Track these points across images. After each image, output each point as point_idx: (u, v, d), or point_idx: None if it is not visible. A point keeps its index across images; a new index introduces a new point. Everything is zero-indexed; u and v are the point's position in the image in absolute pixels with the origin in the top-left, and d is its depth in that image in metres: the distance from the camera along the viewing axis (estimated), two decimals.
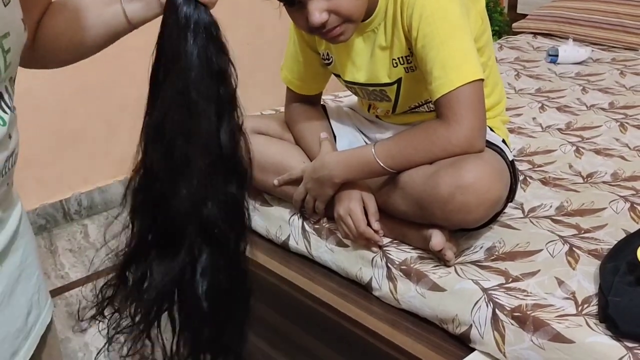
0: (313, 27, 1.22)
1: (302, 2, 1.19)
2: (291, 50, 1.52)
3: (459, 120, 1.19)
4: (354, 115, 1.62)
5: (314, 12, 1.19)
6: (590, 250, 1.26)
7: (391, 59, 1.34)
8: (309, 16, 1.19)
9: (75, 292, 2.38)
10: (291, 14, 1.26)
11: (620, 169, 1.63)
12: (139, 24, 0.86)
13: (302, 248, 1.49)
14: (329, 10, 1.20)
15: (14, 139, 0.81)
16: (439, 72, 1.21)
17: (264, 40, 3.07)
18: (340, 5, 1.20)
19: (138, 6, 0.84)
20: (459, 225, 1.23)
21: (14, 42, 0.76)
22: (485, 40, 1.38)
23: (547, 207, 1.45)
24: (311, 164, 1.40)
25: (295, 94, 1.56)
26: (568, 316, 1.09)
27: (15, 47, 0.77)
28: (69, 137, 2.78)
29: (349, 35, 1.27)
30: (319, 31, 1.24)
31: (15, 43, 0.76)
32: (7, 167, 0.79)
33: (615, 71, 2.50)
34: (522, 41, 3.02)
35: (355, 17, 1.25)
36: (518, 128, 1.95)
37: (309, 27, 1.22)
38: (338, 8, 1.20)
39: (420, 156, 1.24)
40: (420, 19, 1.23)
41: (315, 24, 1.20)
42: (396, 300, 1.29)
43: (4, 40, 0.73)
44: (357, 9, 1.23)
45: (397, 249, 1.33)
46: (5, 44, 0.73)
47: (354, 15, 1.24)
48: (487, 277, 1.20)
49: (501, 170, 1.25)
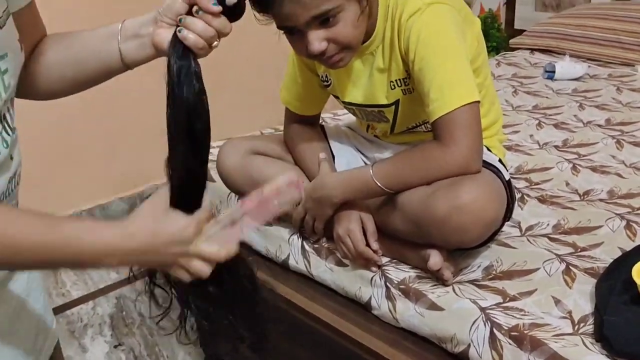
0: (312, 55, 1.24)
1: (301, 31, 1.22)
2: (290, 71, 1.54)
3: (455, 142, 1.21)
4: (352, 135, 1.64)
5: (313, 41, 1.21)
6: (587, 269, 1.28)
7: (389, 81, 1.36)
8: (308, 45, 1.22)
9: (77, 310, 2.39)
10: (291, 41, 1.29)
11: (617, 187, 1.65)
12: (133, 65, 0.87)
13: (301, 267, 1.50)
14: (328, 39, 1.22)
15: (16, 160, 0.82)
16: (436, 95, 1.23)
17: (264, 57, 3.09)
18: (339, 34, 1.22)
19: (133, 45, 0.85)
20: (456, 245, 1.25)
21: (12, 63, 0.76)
22: (481, 62, 1.40)
23: (544, 226, 1.46)
24: (310, 184, 1.41)
25: (295, 114, 1.58)
26: (565, 335, 1.10)
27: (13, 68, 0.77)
28: (70, 155, 2.79)
29: (347, 61, 1.29)
30: (319, 58, 1.26)
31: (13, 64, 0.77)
32: (11, 188, 0.80)
33: (611, 87, 2.52)
34: (519, 57, 3.05)
35: (354, 44, 1.27)
36: (515, 145, 1.97)
37: (308, 54, 1.25)
38: (337, 37, 1.22)
39: (418, 177, 1.25)
40: (417, 43, 1.25)
41: (315, 53, 1.22)
42: (395, 320, 1.30)
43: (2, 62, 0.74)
44: (355, 37, 1.26)
45: (395, 269, 1.34)
46: (2, 65, 0.74)
47: (353, 43, 1.26)
48: (485, 297, 1.22)
49: (498, 190, 1.26)
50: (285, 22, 1.21)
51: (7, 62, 0.75)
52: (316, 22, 1.20)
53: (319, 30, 1.21)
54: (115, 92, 2.73)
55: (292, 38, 1.27)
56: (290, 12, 1.17)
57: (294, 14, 1.17)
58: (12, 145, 0.79)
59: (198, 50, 0.79)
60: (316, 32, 1.21)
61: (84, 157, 2.84)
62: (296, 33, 1.23)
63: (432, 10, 1.25)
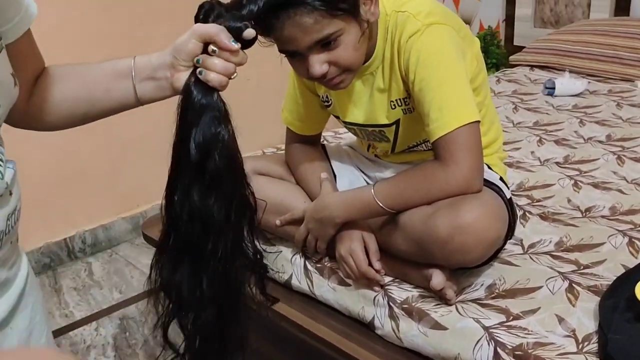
0: (314, 77, 1.25)
1: (303, 54, 1.23)
2: (291, 92, 1.55)
3: (456, 162, 1.22)
4: (353, 154, 1.65)
5: (314, 64, 1.22)
6: (590, 287, 1.28)
7: (389, 100, 1.37)
8: (309, 68, 1.23)
9: (80, 331, 2.38)
10: (292, 64, 1.30)
11: (619, 203, 1.65)
12: (147, 103, 0.88)
13: (304, 287, 1.50)
14: (329, 62, 1.23)
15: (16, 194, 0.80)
16: (436, 115, 1.23)
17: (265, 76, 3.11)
18: (340, 57, 1.23)
19: (150, 86, 0.85)
20: (458, 264, 1.25)
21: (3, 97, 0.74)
22: (481, 81, 1.41)
23: (547, 243, 1.46)
24: (312, 204, 1.42)
25: (296, 134, 1.58)
26: (569, 354, 1.10)
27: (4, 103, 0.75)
28: (73, 175, 2.80)
29: (348, 83, 1.30)
30: (320, 80, 1.27)
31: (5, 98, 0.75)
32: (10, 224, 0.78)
33: (612, 103, 2.53)
34: (519, 74, 3.06)
35: (355, 66, 1.28)
36: (517, 162, 1.97)
37: (309, 76, 1.26)
38: (338, 60, 1.23)
39: (419, 197, 1.26)
40: (417, 63, 1.26)
41: (316, 76, 1.24)
42: (399, 339, 1.30)
43: None
44: (356, 60, 1.27)
45: (398, 288, 1.34)
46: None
47: (354, 65, 1.27)
48: (488, 315, 1.21)
49: (499, 209, 1.27)
50: (286, 46, 1.22)
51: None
52: (318, 46, 1.21)
53: (320, 54, 1.22)
54: None
55: (293, 60, 1.28)
56: (292, 36, 1.18)
57: (296, 39, 1.18)
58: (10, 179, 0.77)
59: (221, 88, 0.81)
60: (317, 56, 1.22)
61: (87, 177, 2.85)
62: (297, 56, 1.24)
63: (432, 31, 1.26)
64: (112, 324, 2.42)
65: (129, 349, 2.27)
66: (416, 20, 1.28)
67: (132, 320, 2.44)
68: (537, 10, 3.52)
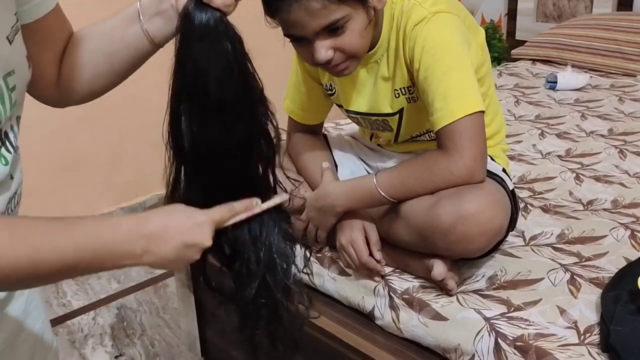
0: (318, 63, 1.24)
1: (308, 39, 1.22)
2: (293, 80, 1.54)
3: (459, 151, 1.21)
4: (355, 144, 1.64)
5: (320, 50, 1.21)
6: (592, 279, 1.27)
7: (393, 89, 1.36)
8: (314, 53, 1.22)
9: (77, 320, 2.38)
10: (297, 48, 1.29)
11: (621, 196, 1.64)
12: (163, 42, 0.84)
13: (304, 276, 1.49)
14: (334, 48, 1.22)
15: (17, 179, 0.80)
16: (441, 104, 1.22)
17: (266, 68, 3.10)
18: (346, 44, 1.22)
19: (159, 22, 0.82)
20: (460, 255, 1.24)
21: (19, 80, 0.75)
22: (485, 71, 1.40)
23: (548, 235, 1.45)
24: (313, 194, 1.41)
25: (298, 123, 1.57)
26: (570, 346, 1.09)
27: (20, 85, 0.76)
28: (72, 165, 2.79)
29: (352, 70, 1.29)
30: (324, 66, 1.27)
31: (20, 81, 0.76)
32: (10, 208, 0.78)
33: (614, 97, 2.52)
34: (521, 68, 3.05)
35: (360, 53, 1.27)
36: (518, 155, 1.96)
37: (314, 62, 1.25)
38: (343, 46, 1.23)
39: (422, 186, 1.25)
40: (423, 52, 1.25)
41: (321, 61, 1.23)
42: (399, 330, 1.29)
43: (9, 78, 0.72)
44: (362, 46, 1.26)
45: (399, 278, 1.34)
46: (10, 82, 0.73)
47: (359, 52, 1.26)
48: (489, 306, 1.21)
49: (502, 199, 1.26)
50: (292, 30, 1.22)
51: (14, 79, 0.74)
52: (324, 32, 1.20)
53: (326, 39, 1.21)
54: (118, 102, 2.74)
55: (298, 45, 1.27)
56: (299, 20, 1.17)
57: (302, 23, 1.18)
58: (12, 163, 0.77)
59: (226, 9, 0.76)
60: (323, 42, 1.21)
61: (86, 167, 2.84)
62: (303, 40, 1.23)
63: (438, 19, 1.25)
64: (110, 314, 2.42)
65: (126, 338, 2.27)
66: (422, 8, 1.27)
67: (130, 310, 2.44)
68: (539, 4, 3.52)
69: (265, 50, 1.29)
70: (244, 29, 0.81)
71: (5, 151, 0.75)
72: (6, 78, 0.72)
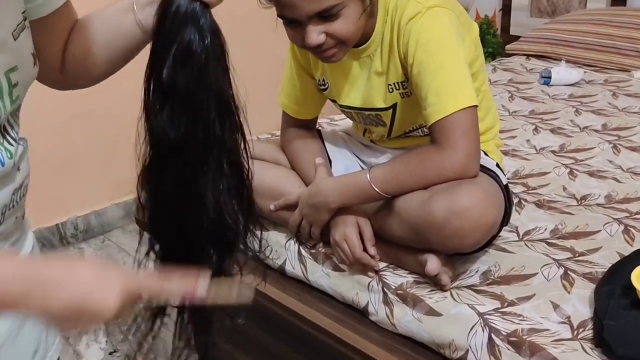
0: (308, 47, 1.25)
1: (301, 22, 1.22)
2: (288, 74, 1.54)
3: (453, 146, 1.21)
4: (349, 140, 1.64)
5: (311, 33, 1.22)
6: (585, 274, 1.27)
7: (387, 84, 1.35)
8: (306, 36, 1.23)
9: None
10: (288, 31, 1.30)
11: (614, 191, 1.64)
12: None
13: (298, 273, 1.49)
14: (326, 32, 1.23)
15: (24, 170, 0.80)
16: (434, 99, 1.22)
17: (260, 63, 3.09)
18: (337, 30, 1.23)
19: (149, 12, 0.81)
20: (454, 250, 1.24)
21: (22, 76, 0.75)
22: (479, 66, 1.40)
23: (542, 230, 1.45)
24: (307, 190, 1.40)
25: (292, 118, 1.57)
26: (564, 340, 1.09)
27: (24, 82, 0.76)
28: (66, 161, 2.78)
29: (341, 57, 1.30)
30: (313, 50, 1.28)
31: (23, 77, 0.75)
32: (16, 199, 0.78)
33: (607, 92, 2.52)
34: (515, 63, 3.05)
35: (350, 40, 1.28)
36: (512, 150, 1.96)
37: (303, 45, 1.26)
38: (335, 32, 1.23)
39: (415, 181, 1.25)
40: (417, 46, 1.25)
41: (312, 45, 1.24)
42: (393, 325, 1.29)
43: (12, 74, 0.72)
44: (353, 34, 1.26)
45: (393, 274, 1.33)
46: (12, 78, 0.73)
47: (350, 39, 1.27)
48: (483, 302, 1.21)
49: (495, 194, 1.26)
50: (286, 12, 1.22)
51: (17, 75, 0.74)
52: (317, 17, 1.21)
53: (318, 24, 1.22)
54: (112, 97, 2.73)
55: (290, 27, 1.28)
56: (293, 3, 1.18)
57: (297, 6, 1.19)
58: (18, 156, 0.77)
59: None
60: (315, 25, 1.22)
61: (80, 163, 2.83)
62: (295, 23, 1.24)
63: (432, 14, 1.25)
64: None
65: (120, 334, 2.26)
66: (417, 3, 1.27)
67: None
68: None
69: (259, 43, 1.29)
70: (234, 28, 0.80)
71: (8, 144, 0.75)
72: (8, 74, 0.72)
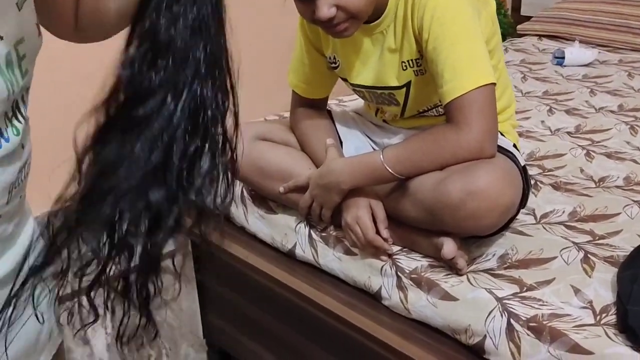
0: (319, 21, 1.21)
1: None
2: (297, 53, 1.49)
3: (469, 125, 1.17)
4: (360, 120, 1.59)
5: (322, 7, 1.19)
6: (606, 257, 1.23)
7: (400, 61, 1.31)
8: (316, 10, 1.19)
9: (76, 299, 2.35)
10: (298, 5, 1.26)
11: (633, 173, 1.60)
12: None
13: (309, 256, 1.45)
14: (337, 5, 1.19)
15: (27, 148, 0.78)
16: (450, 75, 1.18)
17: (266, 45, 3.05)
18: (350, 3, 1.19)
19: None
20: (470, 232, 1.20)
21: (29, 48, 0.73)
22: (495, 43, 1.36)
23: (560, 213, 1.41)
24: (317, 171, 1.37)
25: (301, 98, 1.53)
26: (586, 326, 1.05)
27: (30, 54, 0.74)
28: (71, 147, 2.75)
29: (352, 32, 1.26)
30: (324, 25, 1.24)
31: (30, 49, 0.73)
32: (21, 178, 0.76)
33: (623, 73, 2.47)
34: (527, 43, 2.99)
35: (362, 14, 1.24)
36: (526, 132, 1.92)
37: (314, 19, 1.22)
38: (346, 5, 1.20)
39: (430, 162, 1.21)
40: (432, 21, 1.21)
41: (323, 19, 1.20)
42: (407, 310, 1.25)
43: (19, 46, 0.70)
44: (365, 7, 1.23)
45: (407, 257, 1.30)
46: (20, 50, 0.70)
47: (361, 12, 1.23)
48: (501, 286, 1.17)
49: (513, 175, 1.22)
50: None
51: (24, 47, 0.71)
52: None
53: None
54: None
55: (299, 1, 1.24)
56: None
57: None
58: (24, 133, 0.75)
59: None
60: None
61: None
62: None
63: None
64: None
65: None
66: None
67: None
68: None
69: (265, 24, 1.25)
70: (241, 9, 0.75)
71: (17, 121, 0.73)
72: (17, 46, 0.69)
